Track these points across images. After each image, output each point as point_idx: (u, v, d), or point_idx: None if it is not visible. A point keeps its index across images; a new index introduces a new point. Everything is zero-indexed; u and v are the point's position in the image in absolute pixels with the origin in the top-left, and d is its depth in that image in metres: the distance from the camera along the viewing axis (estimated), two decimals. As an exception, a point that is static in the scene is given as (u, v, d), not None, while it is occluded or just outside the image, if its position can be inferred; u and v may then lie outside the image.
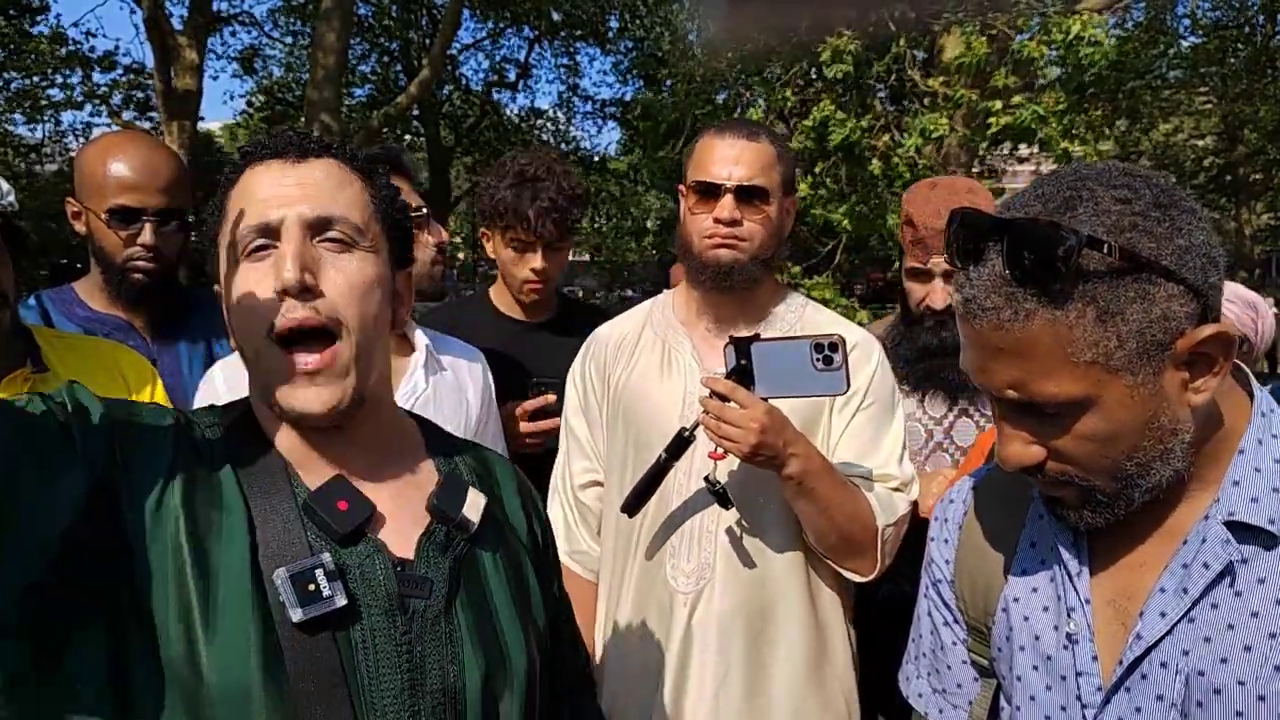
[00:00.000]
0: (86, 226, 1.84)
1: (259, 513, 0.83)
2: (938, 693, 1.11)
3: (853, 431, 1.64)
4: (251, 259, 0.86)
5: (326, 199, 0.88)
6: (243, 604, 0.78)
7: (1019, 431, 0.87)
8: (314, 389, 0.85)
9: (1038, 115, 6.04)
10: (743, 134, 1.62)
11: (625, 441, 1.69)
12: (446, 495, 0.94)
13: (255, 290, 0.85)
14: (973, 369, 0.87)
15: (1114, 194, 0.80)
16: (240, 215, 0.87)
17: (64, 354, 1.51)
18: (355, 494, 0.88)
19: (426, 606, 0.87)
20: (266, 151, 0.90)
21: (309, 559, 0.81)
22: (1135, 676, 0.87)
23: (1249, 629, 0.81)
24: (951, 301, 0.88)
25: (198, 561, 0.78)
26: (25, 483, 0.70)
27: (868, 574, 1.58)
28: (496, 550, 0.97)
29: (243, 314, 0.86)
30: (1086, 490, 0.86)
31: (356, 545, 0.86)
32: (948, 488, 1.48)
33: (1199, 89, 16.77)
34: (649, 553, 1.64)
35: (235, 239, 0.87)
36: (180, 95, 10.66)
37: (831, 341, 1.42)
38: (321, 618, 0.80)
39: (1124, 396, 0.80)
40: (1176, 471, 0.84)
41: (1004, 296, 0.80)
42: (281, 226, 0.86)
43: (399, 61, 19.37)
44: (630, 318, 1.84)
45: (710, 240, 1.61)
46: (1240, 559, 0.82)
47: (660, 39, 16.68)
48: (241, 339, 0.88)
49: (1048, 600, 0.96)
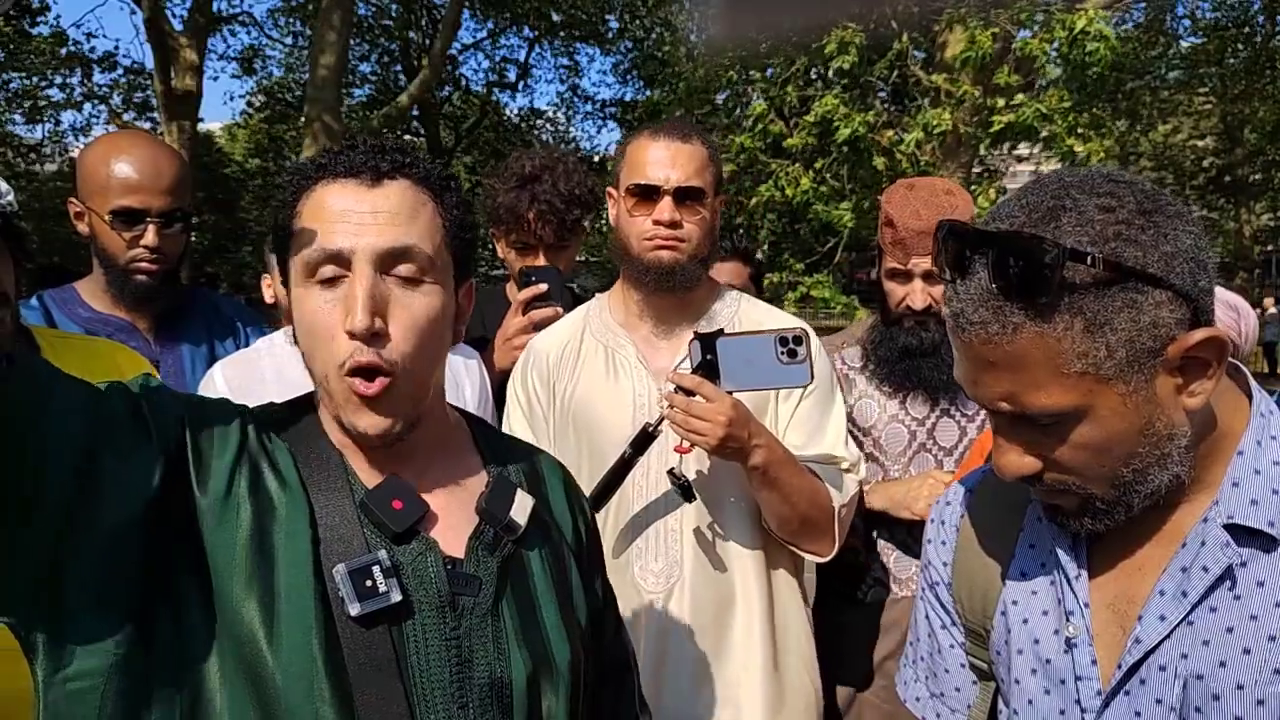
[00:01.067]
0: (89, 227, 1.84)
1: (320, 507, 0.88)
2: (935, 696, 1.11)
3: (800, 418, 1.68)
4: (321, 284, 0.88)
5: (400, 229, 0.89)
6: (305, 594, 0.82)
7: (1014, 444, 0.87)
8: (373, 415, 0.89)
9: (1040, 114, 6.04)
10: (677, 136, 1.66)
11: (578, 451, 1.70)
12: (495, 497, 0.97)
13: (325, 319, 0.88)
14: (965, 382, 0.87)
15: (1098, 202, 0.79)
16: (312, 235, 0.88)
17: (63, 354, 1.51)
18: (409, 493, 0.91)
19: (475, 604, 0.91)
20: (342, 168, 0.90)
21: (367, 555, 0.85)
22: (1134, 680, 0.86)
23: (1248, 632, 0.81)
24: (941, 311, 0.88)
25: (263, 549, 0.83)
26: (106, 464, 0.75)
27: (826, 554, 1.64)
28: (542, 550, 1.01)
29: (313, 340, 0.89)
30: (1085, 498, 0.86)
31: (410, 543, 0.90)
32: (941, 490, 1.48)
33: (1198, 89, 16.76)
34: (614, 554, 1.65)
35: (305, 258, 0.88)
36: (180, 96, 10.66)
37: (795, 335, 1.47)
38: (378, 612, 0.84)
39: (1117, 405, 0.80)
40: (1175, 476, 0.84)
41: (991, 310, 0.80)
42: (354, 258, 0.87)
43: (399, 61, 19.37)
44: (565, 325, 1.84)
45: (650, 242, 1.63)
46: (1240, 562, 0.82)
47: (661, 39, 16.68)
48: (310, 360, 0.91)
49: (1047, 604, 0.96)
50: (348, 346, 0.86)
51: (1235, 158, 18.89)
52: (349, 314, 0.85)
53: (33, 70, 15.01)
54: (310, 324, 0.89)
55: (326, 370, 0.88)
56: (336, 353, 0.87)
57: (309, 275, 0.88)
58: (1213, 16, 15.86)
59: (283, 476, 0.88)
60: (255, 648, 0.80)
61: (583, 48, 19.36)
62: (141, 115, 16.23)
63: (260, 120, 20.69)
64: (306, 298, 0.89)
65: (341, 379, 0.87)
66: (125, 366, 1.59)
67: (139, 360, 1.64)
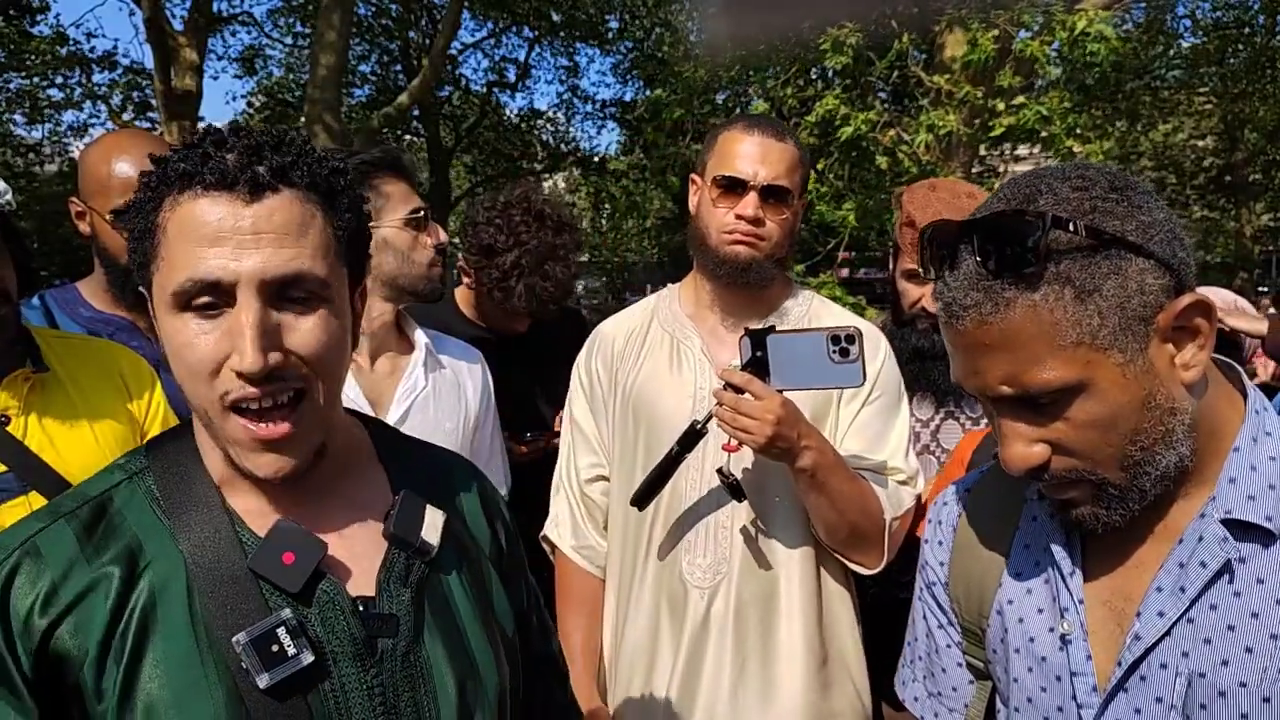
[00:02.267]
0: (91, 227, 1.84)
1: (208, 580, 0.79)
2: (933, 696, 1.11)
3: (860, 424, 1.65)
4: (197, 314, 0.77)
5: (288, 251, 0.77)
6: (210, 679, 0.75)
7: (1018, 427, 0.86)
8: (274, 456, 0.80)
9: (1041, 115, 6.03)
10: (771, 133, 1.63)
11: (636, 438, 1.69)
12: (403, 519, 0.89)
13: (205, 353, 0.76)
14: (963, 373, 0.88)
15: (1071, 184, 0.82)
16: (182, 259, 0.76)
17: (63, 354, 1.51)
18: (301, 539, 0.82)
19: (394, 645, 0.84)
20: (213, 177, 0.76)
21: (268, 619, 0.77)
22: (1134, 678, 0.87)
23: (1250, 630, 0.81)
24: None
25: (146, 652, 0.76)
26: None
27: (874, 567, 1.59)
28: (460, 568, 0.94)
29: (191, 376, 0.78)
30: (1097, 486, 0.86)
31: (314, 593, 0.82)
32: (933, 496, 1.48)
33: (1199, 89, 16.75)
34: (663, 549, 1.65)
35: (176, 285, 0.76)
36: (180, 95, 10.66)
37: (848, 334, 1.42)
38: (289, 678, 0.76)
39: (1116, 376, 0.81)
40: (1181, 457, 0.84)
41: (982, 291, 0.82)
42: (236, 289, 0.75)
43: (399, 61, 19.35)
44: (635, 313, 1.84)
45: (731, 236, 1.61)
46: (1238, 557, 0.83)
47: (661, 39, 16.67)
48: (189, 395, 0.80)
49: (1042, 602, 0.96)
50: (235, 382, 0.76)
51: (1235, 158, 18.87)
52: (239, 354, 0.75)
53: (33, 70, 15.00)
54: (186, 359, 0.77)
55: (208, 407, 0.78)
56: (220, 388, 0.77)
57: (180, 305, 0.76)
58: (1213, 16, 15.86)
59: (153, 568, 0.78)
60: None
61: (583, 48, 19.36)
62: (141, 115, 16.22)
63: (260, 120, 20.69)
64: (179, 328, 0.77)
65: (228, 416, 0.78)
66: (126, 369, 1.59)
67: (140, 363, 1.64)
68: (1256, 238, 20.50)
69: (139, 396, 1.58)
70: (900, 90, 8.13)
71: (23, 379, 1.42)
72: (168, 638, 0.76)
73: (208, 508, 0.82)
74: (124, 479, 0.84)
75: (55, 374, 1.47)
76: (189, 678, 0.75)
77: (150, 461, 0.86)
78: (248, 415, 0.78)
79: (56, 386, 1.47)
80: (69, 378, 1.49)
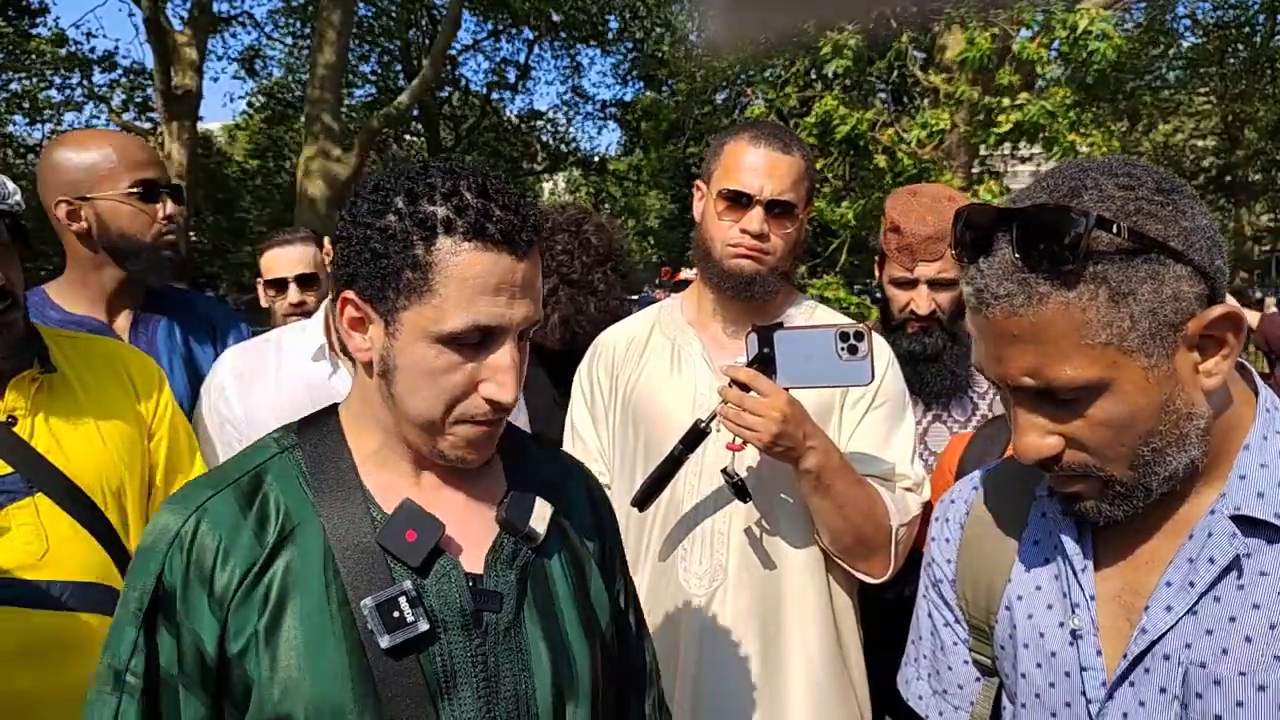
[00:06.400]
0: (96, 217, 1.80)
1: (338, 540, 0.90)
2: (938, 694, 1.11)
3: (865, 429, 1.62)
4: (458, 348, 0.88)
5: (536, 302, 0.92)
6: (336, 634, 0.86)
7: (1034, 419, 0.86)
8: (482, 452, 0.94)
9: (1045, 111, 6.02)
10: (777, 145, 1.60)
11: (636, 443, 1.68)
12: (515, 507, 0.98)
13: (459, 379, 0.89)
14: (987, 360, 0.87)
15: (1117, 181, 0.81)
16: (463, 301, 0.86)
17: (71, 355, 1.51)
18: (422, 518, 0.92)
19: (498, 619, 0.93)
20: (497, 233, 0.86)
21: (392, 588, 0.88)
22: (1139, 670, 0.87)
23: (1250, 620, 0.82)
24: (963, 291, 0.89)
25: (283, 599, 0.87)
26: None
27: (880, 575, 1.57)
28: (562, 556, 1.02)
29: (437, 392, 0.89)
30: (1104, 482, 0.86)
31: (432, 566, 0.92)
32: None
33: (1199, 89, 16.77)
34: (661, 554, 1.63)
35: (450, 325, 0.86)
36: (180, 96, 10.67)
37: (857, 331, 1.40)
38: (406, 642, 0.86)
39: (1139, 379, 0.81)
40: (1192, 460, 0.85)
41: (1016, 282, 0.81)
42: (506, 334, 0.89)
43: (399, 61, 19.36)
44: (636, 321, 1.83)
45: (735, 250, 1.60)
46: (1245, 553, 0.83)
47: (661, 39, 16.68)
48: (420, 404, 0.90)
49: (1051, 597, 0.96)
50: (483, 406, 0.90)
51: (1235, 158, 18.88)
52: (500, 386, 0.89)
53: (33, 71, 15.01)
54: (440, 382, 0.89)
55: (436, 416, 0.90)
56: (469, 410, 0.90)
57: (445, 339, 0.87)
58: (1213, 16, 15.87)
59: (295, 536, 0.90)
60: (292, 684, 0.84)
61: (583, 48, 19.35)
62: (141, 115, 16.23)
63: (261, 121, 20.68)
64: (435, 355, 0.88)
65: (457, 424, 0.91)
66: (134, 370, 1.58)
67: (148, 364, 1.63)
68: (1257, 238, 20.51)
69: (147, 397, 1.57)
70: (900, 90, 8.13)
71: (30, 380, 1.42)
72: (305, 594, 0.88)
73: (347, 485, 0.93)
74: (277, 453, 0.96)
75: (63, 375, 1.47)
76: (321, 630, 0.86)
77: (300, 439, 0.97)
78: (478, 424, 0.92)
79: (64, 387, 1.46)
80: (76, 378, 1.49)
